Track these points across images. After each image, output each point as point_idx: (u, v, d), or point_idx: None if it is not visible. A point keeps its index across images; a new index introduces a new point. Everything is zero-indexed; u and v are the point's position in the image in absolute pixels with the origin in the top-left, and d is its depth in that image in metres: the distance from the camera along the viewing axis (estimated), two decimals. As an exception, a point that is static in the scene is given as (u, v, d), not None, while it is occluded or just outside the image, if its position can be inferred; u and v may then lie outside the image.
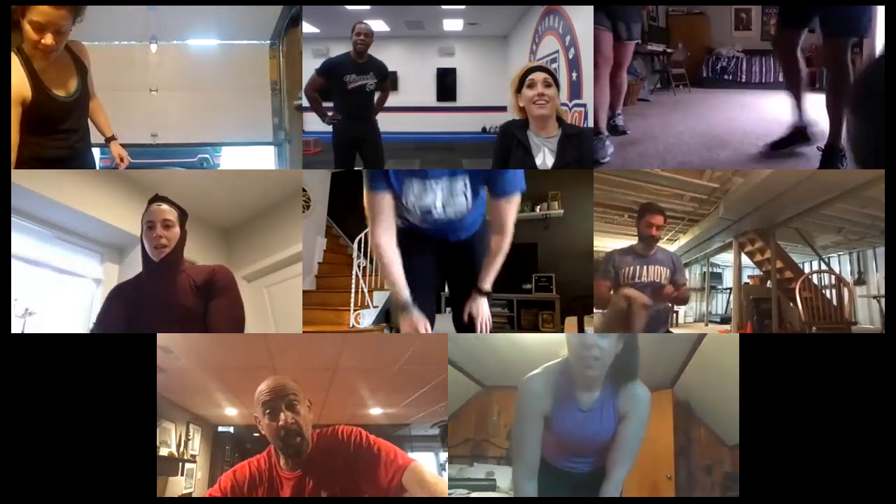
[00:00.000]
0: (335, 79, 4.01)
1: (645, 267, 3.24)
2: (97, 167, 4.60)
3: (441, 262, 2.42)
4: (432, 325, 2.37)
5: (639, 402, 1.92)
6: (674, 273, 3.27)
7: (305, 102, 4.28)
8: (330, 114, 4.08)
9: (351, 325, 4.99)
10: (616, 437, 1.92)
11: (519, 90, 2.40)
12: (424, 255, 2.26)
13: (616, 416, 1.92)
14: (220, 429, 4.55)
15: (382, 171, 2.08)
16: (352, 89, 4.01)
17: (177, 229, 2.19)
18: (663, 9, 5.53)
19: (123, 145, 2.84)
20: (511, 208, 2.17)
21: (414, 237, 2.22)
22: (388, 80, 4.19)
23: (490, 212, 2.20)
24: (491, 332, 2.35)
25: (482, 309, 2.30)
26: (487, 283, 2.33)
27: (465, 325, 2.31)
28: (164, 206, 2.19)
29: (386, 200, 2.07)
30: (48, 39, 2.34)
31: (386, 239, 2.08)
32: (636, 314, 3.08)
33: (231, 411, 4.12)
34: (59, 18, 2.34)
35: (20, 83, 2.38)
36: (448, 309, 5.11)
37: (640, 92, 4.92)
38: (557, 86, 2.38)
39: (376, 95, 4.17)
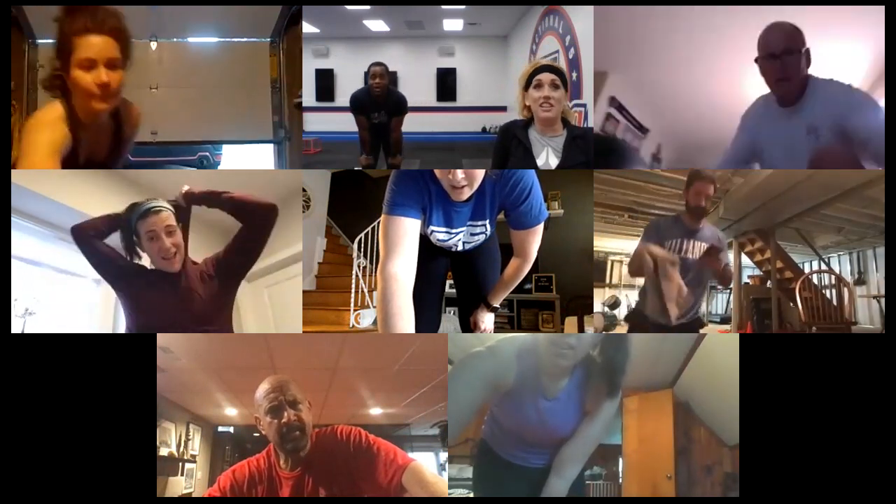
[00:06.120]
0: (360, 115, 4.24)
1: (692, 242, 2.88)
2: (97, 167, 4.60)
3: (447, 266, 2.44)
4: (437, 328, 2.40)
5: (609, 404, 1.82)
6: (719, 252, 2.91)
7: (305, 101, 4.31)
8: (362, 158, 4.29)
9: (351, 325, 4.99)
10: (576, 432, 1.83)
11: (526, 88, 2.31)
12: (430, 259, 2.21)
13: (581, 410, 1.82)
14: (220, 429, 4.54)
15: (404, 196, 1.84)
16: (375, 124, 4.22)
17: (179, 231, 2.12)
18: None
19: None
20: (534, 237, 2.10)
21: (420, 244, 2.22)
22: (401, 115, 4.25)
23: (512, 240, 2.13)
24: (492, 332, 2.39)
25: (487, 323, 2.40)
26: (497, 301, 2.38)
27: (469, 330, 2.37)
28: (163, 213, 2.07)
29: (409, 226, 1.83)
30: (102, 76, 1.85)
31: (402, 270, 1.76)
32: (665, 272, 2.76)
33: (231, 411, 4.12)
34: (107, 49, 1.86)
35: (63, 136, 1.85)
36: (449, 310, 5.10)
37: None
38: (566, 87, 2.28)
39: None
